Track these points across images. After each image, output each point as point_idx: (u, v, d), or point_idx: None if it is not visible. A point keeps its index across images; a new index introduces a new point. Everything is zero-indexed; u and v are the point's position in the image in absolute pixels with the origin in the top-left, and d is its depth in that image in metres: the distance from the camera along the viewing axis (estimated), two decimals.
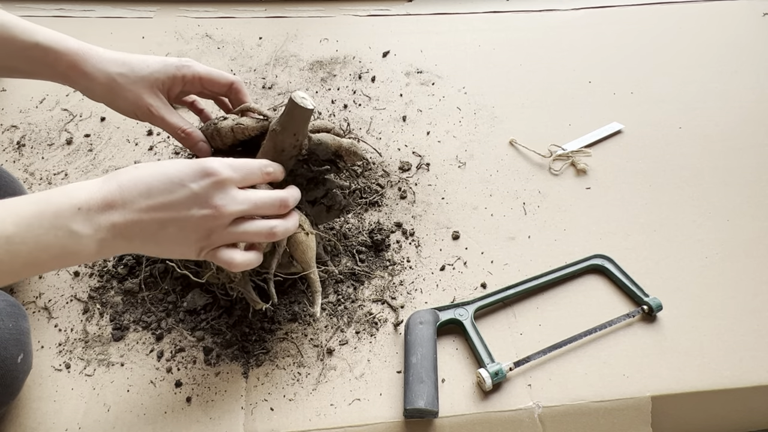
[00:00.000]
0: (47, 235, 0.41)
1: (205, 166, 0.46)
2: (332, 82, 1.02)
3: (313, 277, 0.61)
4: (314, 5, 1.21)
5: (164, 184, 0.45)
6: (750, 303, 0.72)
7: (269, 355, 0.65)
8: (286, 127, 0.57)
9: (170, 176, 0.45)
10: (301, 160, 0.62)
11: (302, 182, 0.64)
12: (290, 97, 0.56)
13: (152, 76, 0.59)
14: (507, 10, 1.21)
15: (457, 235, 0.78)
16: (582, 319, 0.69)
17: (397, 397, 0.62)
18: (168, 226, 0.45)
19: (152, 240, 0.46)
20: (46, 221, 0.41)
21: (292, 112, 0.56)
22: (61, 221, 0.42)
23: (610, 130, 0.94)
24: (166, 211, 0.45)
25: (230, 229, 0.48)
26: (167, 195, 0.45)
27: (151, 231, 0.45)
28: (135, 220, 0.44)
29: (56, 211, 0.42)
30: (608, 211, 0.82)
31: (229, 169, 0.47)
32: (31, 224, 0.41)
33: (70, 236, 0.42)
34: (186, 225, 0.46)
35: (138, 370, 0.63)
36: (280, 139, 0.58)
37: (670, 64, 1.08)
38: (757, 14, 1.21)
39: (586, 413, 0.62)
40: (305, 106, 0.55)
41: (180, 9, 1.17)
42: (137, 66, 0.58)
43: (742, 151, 0.92)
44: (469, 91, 1.01)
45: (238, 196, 0.48)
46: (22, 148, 0.87)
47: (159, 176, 0.45)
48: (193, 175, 0.46)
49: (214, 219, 0.46)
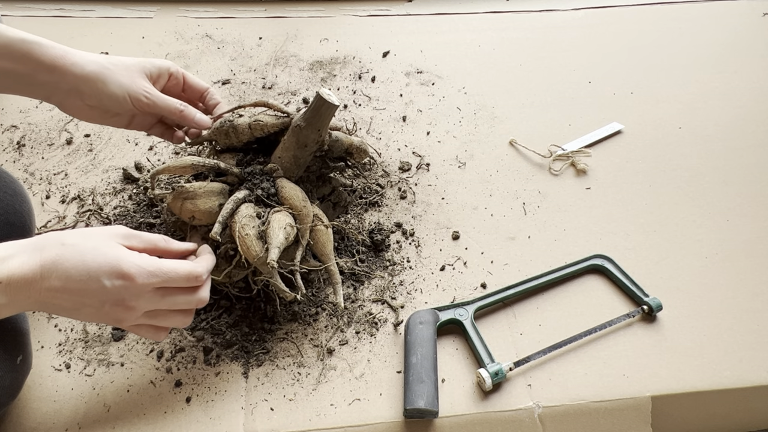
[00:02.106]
0: None
1: (123, 269, 0.48)
2: (332, 82, 1.02)
3: (333, 269, 0.62)
4: (314, 5, 1.21)
5: (83, 275, 0.46)
6: (750, 303, 0.72)
7: (269, 355, 0.65)
8: (312, 123, 0.58)
9: (89, 269, 0.47)
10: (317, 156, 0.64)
11: (312, 179, 0.66)
12: (317, 93, 0.57)
13: (140, 65, 0.60)
14: (507, 10, 1.21)
15: (457, 235, 0.78)
16: (582, 319, 0.69)
17: (397, 397, 0.62)
18: (81, 309, 0.48)
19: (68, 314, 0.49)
20: None
21: (319, 108, 0.57)
22: None
23: (610, 130, 0.94)
24: (79, 297, 0.47)
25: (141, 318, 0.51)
26: (83, 285, 0.47)
27: (65, 308, 0.48)
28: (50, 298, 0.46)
29: None
30: (608, 211, 0.82)
31: (146, 276, 0.49)
32: None
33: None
34: (97, 312, 0.49)
35: (138, 370, 0.63)
36: (304, 134, 0.59)
37: (670, 64, 1.08)
38: (757, 14, 1.21)
39: (586, 413, 0.62)
40: (332, 101, 0.57)
41: (180, 9, 1.17)
42: (121, 60, 0.60)
43: (742, 151, 0.92)
44: (469, 91, 1.01)
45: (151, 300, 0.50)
46: (22, 148, 0.87)
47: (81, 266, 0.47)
48: (108, 274, 0.47)
49: (123, 314, 0.49)
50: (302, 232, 0.59)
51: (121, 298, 0.48)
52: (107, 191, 0.81)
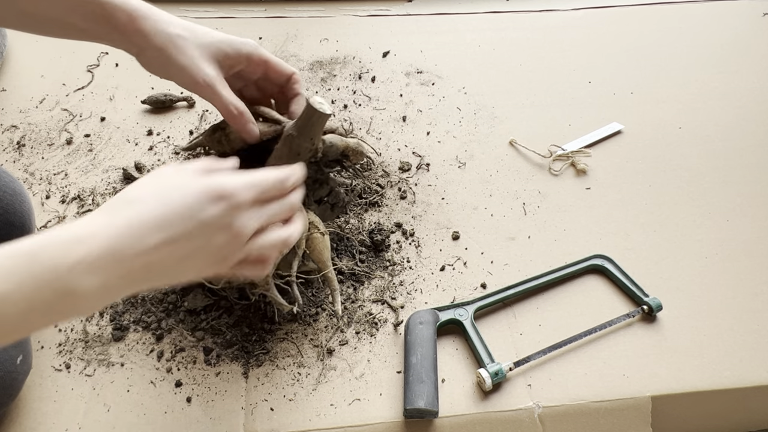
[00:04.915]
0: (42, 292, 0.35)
1: (219, 190, 0.42)
2: (332, 82, 1.02)
3: (331, 276, 0.62)
4: (314, 5, 1.21)
5: (177, 216, 0.40)
6: (750, 303, 0.72)
7: (269, 355, 0.65)
8: (303, 132, 0.57)
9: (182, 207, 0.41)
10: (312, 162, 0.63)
11: (309, 182, 0.65)
12: (308, 102, 0.55)
13: (214, 45, 0.55)
14: (507, 10, 1.21)
15: (457, 236, 0.78)
16: (582, 319, 0.69)
17: (397, 397, 0.62)
18: (185, 260, 0.41)
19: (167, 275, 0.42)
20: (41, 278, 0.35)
21: (311, 117, 0.56)
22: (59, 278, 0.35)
23: (610, 130, 0.94)
24: (182, 245, 0.40)
25: (248, 246, 0.45)
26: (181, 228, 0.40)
27: (167, 266, 0.41)
28: (149, 261, 0.39)
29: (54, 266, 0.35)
30: (608, 211, 0.82)
31: (244, 190, 0.44)
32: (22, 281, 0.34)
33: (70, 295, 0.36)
34: (205, 254, 0.42)
35: (138, 370, 0.63)
36: (296, 143, 0.58)
37: (670, 64, 1.08)
38: (757, 14, 1.21)
39: (586, 413, 0.62)
40: (323, 111, 0.55)
41: (180, 9, 1.17)
42: (200, 32, 0.55)
43: (742, 151, 0.92)
44: (469, 91, 1.01)
45: (256, 214, 0.45)
46: (22, 148, 0.87)
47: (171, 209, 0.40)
48: (206, 201, 0.41)
49: (233, 242, 0.43)
50: (298, 241, 0.59)
51: (227, 223, 0.42)
52: (107, 191, 0.81)
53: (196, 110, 0.94)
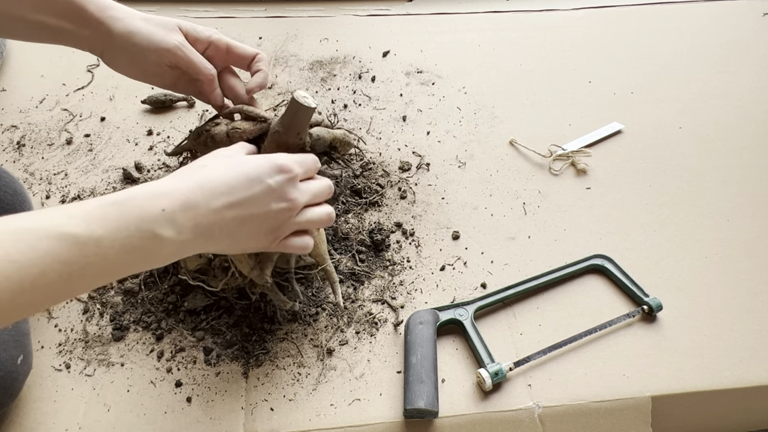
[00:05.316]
0: (133, 238, 0.40)
1: (279, 162, 0.48)
2: (332, 82, 1.02)
3: (330, 269, 0.62)
4: (314, 5, 1.21)
5: (243, 182, 0.46)
6: (750, 303, 0.72)
7: (269, 355, 0.65)
8: (290, 128, 0.57)
9: (248, 174, 0.47)
10: None
11: None
12: (292, 97, 0.56)
13: (178, 22, 0.60)
14: (507, 10, 1.20)
15: (457, 235, 0.78)
16: (582, 319, 0.69)
17: (397, 397, 0.62)
18: (247, 223, 0.47)
19: (229, 237, 0.47)
20: (132, 224, 0.40)
21: (296, 112, 0.56)
22: (146, 224, 0.41)
23: (610, 130, 0.94)
24: (246, 207, 0.46)
25: (297, 219, 0.50)
26: (247, 192, 0.46)
27: (230, 228, 0.46)
28: (216, 220, 0.45)
29: (141, 214, 0.41)
30: (608, 211, 0.82)
31: (297, 165, 0.50)
32: (118, 227, 0.39)
33: (155, 239, 0.41)
34: (264, 220, 0.48)
35: (138, 370, 0.63)
36: (283, 140, 0.58)
37: (670, 64, 1.08)
38: (757, 14, 1.21)
39: (586, 413, 0.62)
40: (308, 105, 0.56)
41: (180, 9, 1.17)
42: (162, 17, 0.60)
43: (742, 151, 0.92)
44: (469, 91, 1.01)
45: (305, 189, 0.51)
46: (22, 148, 0.87)
47: (237, 174, 0.46)
48: (269, 171, 0.48)
49: (288, 211, 0.49)
50: None
51: (285, 192, 0.48)
52: (107, 191, 0.81)
53: (196, 110, 0.94)
